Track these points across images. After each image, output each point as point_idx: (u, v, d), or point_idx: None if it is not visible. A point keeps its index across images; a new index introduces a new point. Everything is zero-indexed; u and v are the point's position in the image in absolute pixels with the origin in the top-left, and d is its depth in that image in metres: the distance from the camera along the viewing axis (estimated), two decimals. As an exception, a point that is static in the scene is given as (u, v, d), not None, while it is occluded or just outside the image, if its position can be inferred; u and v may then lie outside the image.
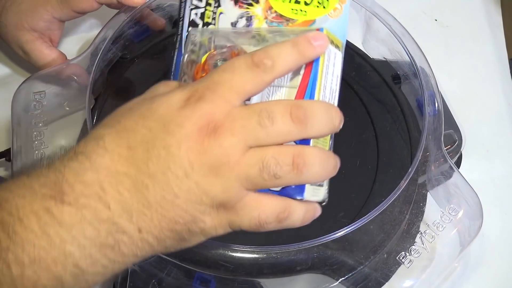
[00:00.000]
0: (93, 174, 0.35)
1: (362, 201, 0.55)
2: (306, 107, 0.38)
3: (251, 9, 0.46)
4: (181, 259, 0.49)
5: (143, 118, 0.37)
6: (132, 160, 0.36)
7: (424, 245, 0.50)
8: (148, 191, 0.36)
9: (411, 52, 0.59)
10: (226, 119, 0.36)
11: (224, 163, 0.36)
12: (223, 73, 0.38)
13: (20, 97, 0.58)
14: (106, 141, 0.36)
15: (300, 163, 0.37)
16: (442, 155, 0.55)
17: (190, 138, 0.36)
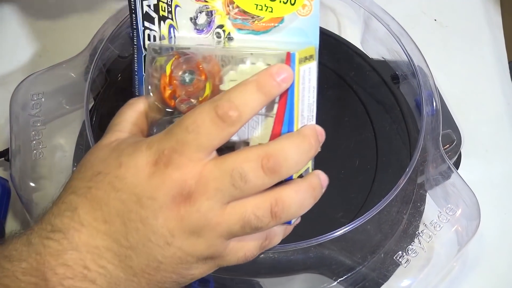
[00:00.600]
0: (73, 253, 0.36)
1: (361, 201, 0.55)
2: (277, 155, 0.37)
3: (210, 3, 0.43)
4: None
5: (113, 189, 0.37)
6: (110, 234, 0.36)
7: (422, 244, 0.50)
8: (132, 261, 0.36)
9: (409, 52, 0.59)
10: (199, 184, 0.36)
11: (205, 225, 0.36)
12: (187, 134, 0.36)
13: (18, 97, 0.58)
14: (80, 215, 0.36)
15: (278, 211, 0.38)
16: (440, 155, 0.55)
17: (166, 209, 0.36)
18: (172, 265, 0.37)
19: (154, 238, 0.36)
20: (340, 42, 0.66)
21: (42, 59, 0.72)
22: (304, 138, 0.39)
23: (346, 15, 0.75)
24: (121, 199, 0.36)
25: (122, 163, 0.37)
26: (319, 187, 0.40)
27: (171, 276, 0.38)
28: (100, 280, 0.36)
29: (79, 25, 0.55)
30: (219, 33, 0.44)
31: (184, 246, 0.37)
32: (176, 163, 0.36)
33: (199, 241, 0.37)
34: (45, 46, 0.74)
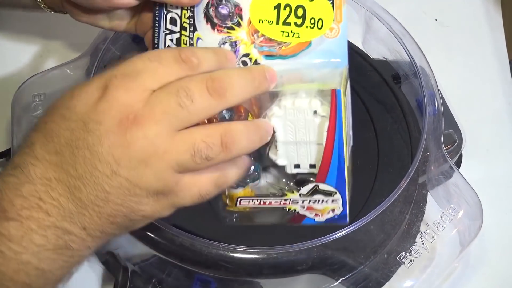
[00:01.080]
0: (29, 186, 0.36)
1: (363, 201, 0.55)
2: (222, 78, 0.38)
3: (233, 34, 0.43)
4: (181, 260, 0.49)
5: (63, 119, 0.36)
6: (61, 165, 0.36)
7: (425, 245, 0.50)
8: (81, 192, 0.36)
9: (411, 52, 0.59)
10: (145, 108, 0.36)
11: (152, 153, 0.36)
12: (149, 62, 0.37)
13: (20, 98, 0.58)
14: (36, 149, 0.37)
15: (229, 142, 0.38)
16: (442, 155, 0.55)
17: (111, 133, 0.35)
18: (120, 196, 0.36)
19: (101, 166, 0.36)
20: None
21: (43, 59, 0.72)
22: (249, 71, 0.40)
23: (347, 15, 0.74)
24: (70, 128, 0.36)
25: (74, 94, 0.37)
26: (265, 130, 0.42)
27: (120, 210, 0.37)
28: (54, 212, 0.36)
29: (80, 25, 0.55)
30: (245, 61, 0.43)
31: (130, 176, 0.36)
32: (126, 87, 0.36)
33: (147, 171, 0.36)
34: (46, 46, 0.73)
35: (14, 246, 0.35)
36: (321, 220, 0.47)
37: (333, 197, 0.46)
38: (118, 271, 0.52)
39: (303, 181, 0.46)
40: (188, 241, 0.48)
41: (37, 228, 0.36)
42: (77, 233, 0.37)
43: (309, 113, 0.44)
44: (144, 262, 0.51)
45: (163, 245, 0.49)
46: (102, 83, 0.36)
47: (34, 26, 0.75)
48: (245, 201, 0.47)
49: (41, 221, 0.36)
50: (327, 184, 0.45)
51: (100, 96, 0.36)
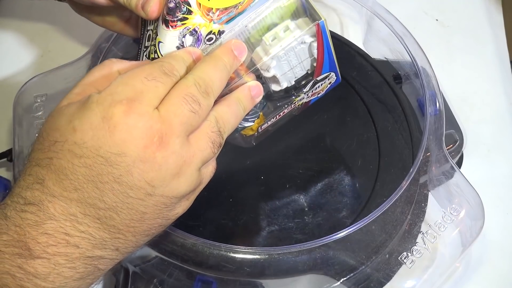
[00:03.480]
0: (52, 222, 0.35)
1: (364, 201, 0.55)
2: (203, 78, 0.39)
3: (188, 23, 0.43)
4: (182, 260, 0.49)
5: (74, 156, 0.36)
6: (85, 200, 0.36)
7: (426, 245, 0.50)
8: (114, 220, 0.36)
9: (412, 52, 0.59)
10: (164, 125, 0.36)
11: (183, 163, 0.37)
12: (147, 82, 0.37)
13: (22, 98, 0.58)
14: (49, 186, 0.36)
15: (224, 125, 0.41)
16: (443, 155, 0.55)
17: (139, 161, 0.35)
18: (156, 211, 0.37)
19: (133, 193, 0.36)
20: (342, 43, 0.66)
21: (44, 59, 0.72)
22: (216, 59, 0.41)
23: (348, 15, 0.75)
24: (86, 164, 0.35)
25: (76, 127, 0.36)
26: (246, 98, 0.43)
27: (156, 222, 0.38)
28: (83, 243, 0.36)
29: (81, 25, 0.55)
30: (211, 38, 0.44)
31: (166, 192, 0.37)
32: (138, 112, 0.35)
33: (181, 181, 0.37)
34: (47, 46, 0.74)
35: (40, 282, 0.35)
36: (323, 94, 0.51)
37: (329, 77, 0.48)
38: (119, 272, 0.52)
39: (302, 83, 0.48)
40: (189, 241, 0.48)
41: (65, 262, 0.36)
42: (108, 256, 0.38)
43: (297, 46, 0.45)
44: (145, 263, 0.51)
45: (164, 246, 0.49)
46: (105, 112, 0.35)
47: (35, 26, 0.75)
48: (264, 125, 0.51)
49: (70, 255, 0.36)
50: (323, 73, 0.48)
51: (111, 126, 0.35)
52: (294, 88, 0.48)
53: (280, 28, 0.44)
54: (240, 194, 0.55)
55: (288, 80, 0.47)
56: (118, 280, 0.51)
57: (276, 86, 0.47)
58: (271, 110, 0.50)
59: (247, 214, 0.53)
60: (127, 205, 0.36)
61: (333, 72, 0.48)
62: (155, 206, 0.37)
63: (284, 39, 0.44)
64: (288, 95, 0.48)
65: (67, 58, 0.63)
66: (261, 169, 0.57)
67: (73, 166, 0.35)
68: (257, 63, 0.44)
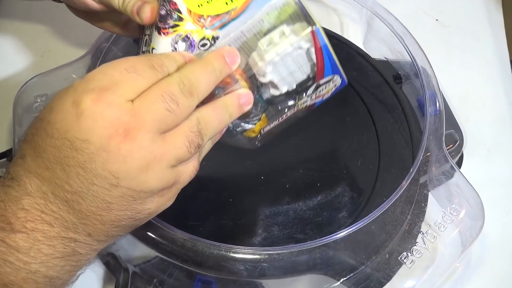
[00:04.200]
0: (29, 199, 0.36)
1: (364, 201, 0.55)
2: (189, 78, 0.39)
3: (179, 30, 0.43)
4: (182, 260, 0.49)
5: (47, 134, 0.36)
6: (54, 180, 0.36)
7: (426, 245, 0.50)
8: (80, 205, 0.37)
9: (412, 52, 0.59)
10: (135, 118, 0.36)
11: (152, 159, 0.36)
12: (126, 74, 0.37)
13: (22, 98, 0.58)
14: (27, 162, 0.37)
15: (204, 128, 0.40)
16: (443, 155, 0.55)
17: (103, 151, 0.35)
18: (123, 203, 0.37)
19: (98, 181, 0.36)
20: (342, 42, 0.66)
21: (44, 59, 0.72)
22: (206, 63, 0.41)
23: (348, 15, 0.75)
24: (55, 145, 0.36)
25: (53, 107, 0.36)
26: (234, 104, 0.43)
27: (125, 214, 0.38)
28: (57, 223, 0.36)
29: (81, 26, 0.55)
30: (205, 44, 0.44)
31: (133, 185, 0.36)
32: (108, 101, 0.35)
33: (149, 176, 0.37)
34: (47, 46, 0.74)
35: (22, 257, 0.36)
36: (328, 96, 0.50)
37: (333, 80, 0.48)
38: (119, 272, 0.52)
39: (304, 87, 0.48)
40: (189, 241, 0.48)
41: (43, 239, 0.36)
42: (82, 240, 0.38)
43: (294, 52, 0.44)
44: (145, 263, 0.51)
45: (164, 246, 0.49)
46: (76, 97, 0.36)
47: (35, 26, 0.75)
48: (267, 127, 0.50)
49: (47, 232, 0.36)
50: (325, 77, 0.47)
51: (79, 112, 0.35)
52: (296, 92, 0.48)
53: (276, 33, 0.43)
54: (240, 194, 0.55)
55: (289, 85, 0.46)
56: (118, 280, 0.51)
57: (275, 91, 0.47)
58: (274, 113, 0.49)
59: (247, 214, 0.53)
60: (92, 192, 0.36)
61: (337, 74, 0.48)
62: (121, 197, 0.37)
63: (279, 44, 0.43)
64: (290, 99, 0.48)
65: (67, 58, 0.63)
66: (261, 169, 0.57)
67: (45, 145, 0.36)
68: (253, 69, 0.44)
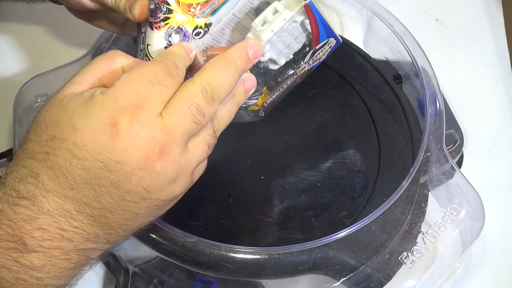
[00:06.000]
0: (46, 217, 0.36)
1: (364, 201, 0.55)
2: (212, 84, 0.38)
3: (170, 22, 0.43)
4: (182, 260, 0.49)
5: (73, 157, 0.35)
6: (80, 198, 0.36)
7: (426, 245, 0.50)
8: (108, 219, 0.37)
9: (413, 52, 0.59)
10: (167, 135, 0.36)
11: (180, 171, 0.38)
12: (152, 87, 0.36)
13: (22, 98, 0.58)
14: (44, 182, 0.36)
15: (220, 126, 0.42)
16: (443, 155, 0.55)
17: (138, 170, 0.36)
18: (149, 212, 0.39)
19: (129, 197, 0.37)
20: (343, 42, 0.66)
21: (44, 59, 0.72)
22: (229, 62, 0.40)
23: (348, 15, 0.75)
24: (84, 167, 0.35)
25: (76, 127, 0.35)
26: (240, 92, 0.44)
27: (148, 220, 0.40)
28: (77, 237, 0.37)
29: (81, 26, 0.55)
30: (199, 32, 0.44)
31: (161, 196, 0.38)
32: (141, 120, 0.35)
33: (176, 186, 0.38)
34: (47, 47, 0.74)
35: (36, 273, 0.36)
36: (324, 58, 0.50)
37: (328, 42, 0.48)
38: (119, 272, 0.52)
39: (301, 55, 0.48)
40: (189, 241, 0.48)
41: (60, 254, 0.36)
42: (100, 247, 0.39)
43: (288, 26, 0.44)
44: (145, 263, 0.51)
45: (164, 246, 0.49)
46: (109, 118, 0.35)
47: (35, 26, 0.75)
48: (269, 99, 0.51)
49: (64, 247, 0.36)
50: (321, 42, 0.47)
51: (114, 134, 0.35)
52: (293, 61, 0.48)
53: (269, 11, 0.43)
54: (240, 194, 0.55)
55: (286, 56, 0.47)
56: (118, 280, 0.51)
57: (274, 65, 0.47)
58: (274, 85, 0.49)
59: (247, 214, 0.53)
60: (122, 206, 0.37)
61: (332, 37, 0.48)
62: (148, 207, 0.38)
63: (274, 22, 0.43)
64: (289, 69, 0.48)
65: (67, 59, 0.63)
66: (261, 169, 0.57)
67: (71, 166, 0.35)
68: None
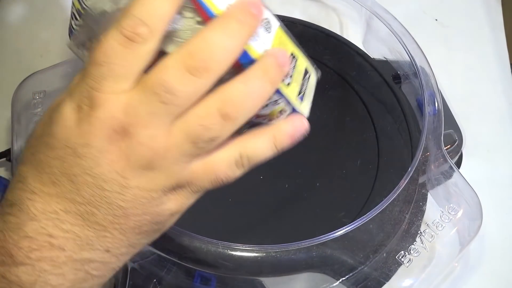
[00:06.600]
0: (33, 224, 0.33)
1: (363, 201, 0.55)
2: (200, 49, 0.32)
3: None
4: (181, 257, 0.49)
5: (48, 147, 0.34)
6: (64, 195, 0.33)
7: (424, 244, 0.50)
8: (96, 216, 0.34)
9: (412, 52, 0.59)
10: (129, 116, 0.32)
11: (154, 156, 0.33)
12: (100, 67, 0.32)
13: (20, 95, 0.58)
14: (30, 183, 0.34)
15: (230, 111, 0.33)
16: (442, 155, 0.55)
17: (106, 152, 0.33)
18: (138, 206, 0.34)
19: (108, 186, 0.33)
20: (342, 42, 0.67)
21: (43, 59, 0.72)
22: (229, 18, 0.32)
23: (348, 15, 0.75)
24: (59, 156, 0.33)
25: (52, 119, 0.34)
26: (274, 67, 0.34)
27: (144, 218, 0.35)
28: (68, 245, 0.33)
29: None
30: None
31: (142, 183, 0.34)
32: (98, 102, 0.32)
33: (156, 173, 0.34)
34: (47, 47, 0.74)
35: None
36: None
37: None
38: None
39: None
40: (187, 239, 0.48)
41: (51, 268, 0.33)
42: (99, 258, 0.35)
43: None
44: (143, 259, 0.51)
45: (162, 243, 0.49)
46: (74, 103, 0.33)
47: (35, 26, 0.75)
48: None
49: (55, 258, 0.33)
50: None
51: (78, 118, 0.33)
52: None
53: None
54: (239, 193, 0.55)
55: None
56: (117, 277, 0.51)
57: None
58: None
59: (245, 213, 0.53)
60: (105, 199, 0.33)
61: None
62: (134, 200, 0.34)
63: None
64: None
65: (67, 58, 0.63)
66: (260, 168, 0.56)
67: (48, 158, 0.34)
68: None
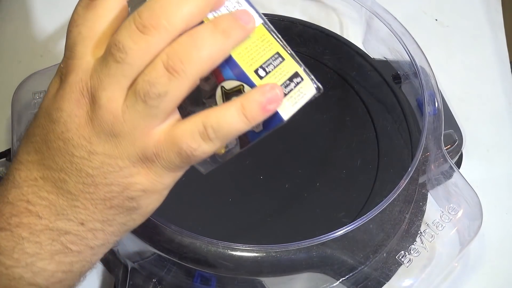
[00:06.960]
0: (15, 190, 0.34)
1: (363, 200, 0.55)
2: (153, 8, 0.32)
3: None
4: (181, 257, 0.49)
5: (35, 118, 0.36)
6: (43, 162, 0.34)
7: (424, 244, 0.50)
8: (67, 184, 0.34)
9: (412, 52, 0.59)
10: (92, 79, 0.33)
11: (113, 120, 0.33)
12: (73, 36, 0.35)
13: (20, 95, 0.58)
14: (19, 155, 0.36)
15: (174, 64, 0.32)
16: (442, 155, 0.55)
17: (74, 116, 0.33)
18: (106, 175, 0.34)
19: (77, 151, 0.34)
20: (342, 42, 0.67)
21: (43, 59, 0.72)
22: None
23: (348, 15, 0.75)
24: (40, 124, 0.35)
25: (47, 93, 0.36)
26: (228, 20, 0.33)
27: (113, 190, 0.34)
28: (45, 213, 0.34)
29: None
30: None
31: (106, 150, 0.33)
32: (71, 67, 0.34)
33: (119, 140, 0.33)
34: (47, 47, 0.74)
35: (5, 259, 0.33)
36: None
37: None
38: (118, 268, 0.52)
39: None
40: (187, 239, 0.48)
41: (28, 235, 0.34)
42: (74, 231, 0.35)
43: None
44: (144, 259, 0.51)
45: (162, 243, 0.49)
46: (57, 76, 0.36)
47: (35, 26, 0.75)
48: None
49: (33, 226, 0.34)
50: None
51: (58, 87, 0.35)
52: None
53: None
54: (239, 193, 0.55)
55: None
56: (117, 276, 0.51)
57: None
58: None
59: (245, 213, 0.53)
60: (74, 165, 0.34)
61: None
62: (101, 167, 0.34)
63: None
64: None
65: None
66: (260, 168, 0.57)
67: (32, 128, 0.35)
68: None
